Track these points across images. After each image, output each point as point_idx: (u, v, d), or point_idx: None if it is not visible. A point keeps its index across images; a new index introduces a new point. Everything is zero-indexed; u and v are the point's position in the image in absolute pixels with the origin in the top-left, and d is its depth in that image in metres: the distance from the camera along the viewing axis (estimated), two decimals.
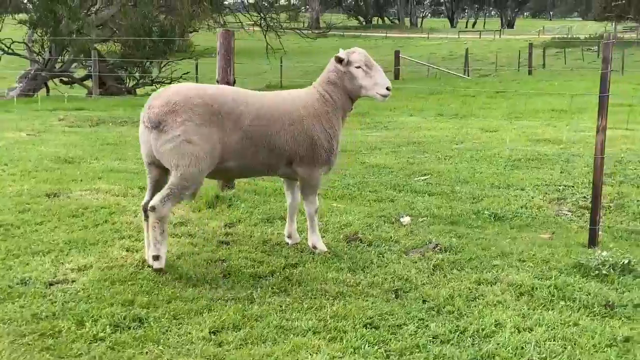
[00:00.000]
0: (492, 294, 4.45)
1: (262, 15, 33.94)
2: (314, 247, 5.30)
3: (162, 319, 3.95)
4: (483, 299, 4.37)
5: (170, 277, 4.65)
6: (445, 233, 5.80)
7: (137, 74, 28.59)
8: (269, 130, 4.86)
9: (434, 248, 5.39)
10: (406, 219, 6.21)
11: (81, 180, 7.60)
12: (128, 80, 28.56)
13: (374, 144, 10.37)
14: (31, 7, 27.64)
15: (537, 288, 4.53)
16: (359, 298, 4.34)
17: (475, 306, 4.26)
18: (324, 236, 5.65)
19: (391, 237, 5.67)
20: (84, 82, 26.53)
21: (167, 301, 4.21)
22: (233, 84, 6.86)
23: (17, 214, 6.08)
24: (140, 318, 3.93)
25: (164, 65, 28.49)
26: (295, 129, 4.96)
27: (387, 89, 5.02)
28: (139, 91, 27.67)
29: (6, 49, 25.57)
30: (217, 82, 6.84)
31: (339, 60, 5.08)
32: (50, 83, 26.56)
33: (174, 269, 4.78)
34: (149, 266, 4.78)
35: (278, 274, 4.75)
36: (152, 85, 27.84)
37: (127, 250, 5.16)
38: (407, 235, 5.75)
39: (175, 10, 28.15)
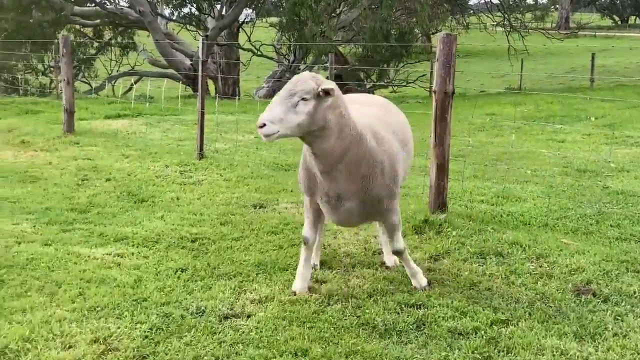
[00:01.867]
0: None
1: (506, 15, 32.42)
2: None
3: None
4: None
5: (356, 321, 4.05)
6: None
7: (374, 77, 28.79)
8: None
9: None
10: None
11: (291, 191, 7.32)
12: (367, 82, 28.83)
13: (621, 164, 8.89)
14: (281, 10, 29.01)
15: None
16: None
17: None
18: (547, 283, 4.68)
19: (634, 293, 4.51)
20: None
21: (345, 355, 3.61)
22: (452, 94, 6.09)
23: (218, 226, 5.91)
24: None
25: (401, 67, 28.33)
26: None
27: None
28: (376, 93, 27.81)
29: (256, 50, 27.10)
30: (434, 92, 6.12)
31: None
32: None
33: (362, 311, 4.18)
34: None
35: (482, 332, 3.90)
36: (387, 87, 27.89)
37: (315, 281, 4.65)
38: None
39: (415, 12, 27.82)
